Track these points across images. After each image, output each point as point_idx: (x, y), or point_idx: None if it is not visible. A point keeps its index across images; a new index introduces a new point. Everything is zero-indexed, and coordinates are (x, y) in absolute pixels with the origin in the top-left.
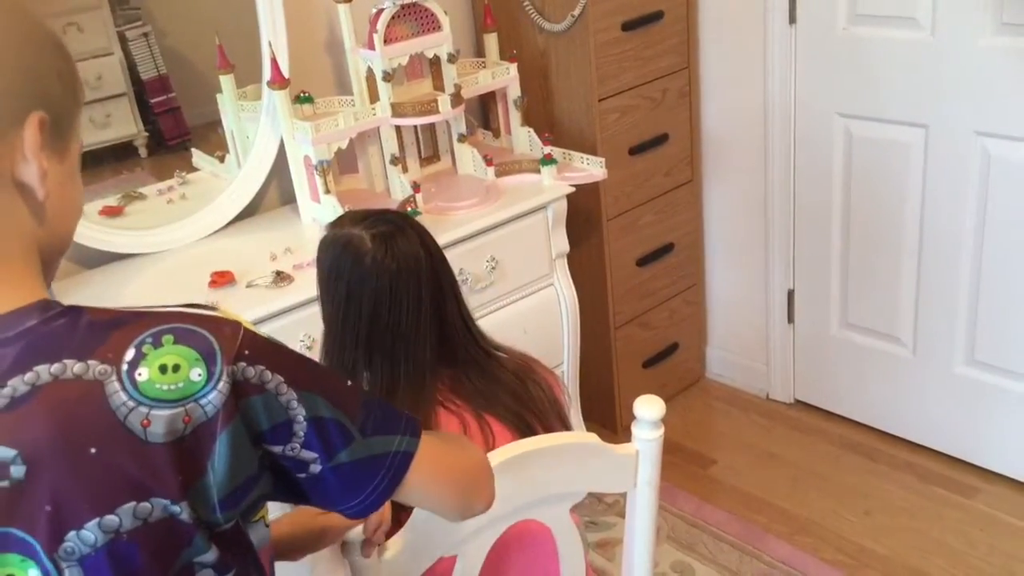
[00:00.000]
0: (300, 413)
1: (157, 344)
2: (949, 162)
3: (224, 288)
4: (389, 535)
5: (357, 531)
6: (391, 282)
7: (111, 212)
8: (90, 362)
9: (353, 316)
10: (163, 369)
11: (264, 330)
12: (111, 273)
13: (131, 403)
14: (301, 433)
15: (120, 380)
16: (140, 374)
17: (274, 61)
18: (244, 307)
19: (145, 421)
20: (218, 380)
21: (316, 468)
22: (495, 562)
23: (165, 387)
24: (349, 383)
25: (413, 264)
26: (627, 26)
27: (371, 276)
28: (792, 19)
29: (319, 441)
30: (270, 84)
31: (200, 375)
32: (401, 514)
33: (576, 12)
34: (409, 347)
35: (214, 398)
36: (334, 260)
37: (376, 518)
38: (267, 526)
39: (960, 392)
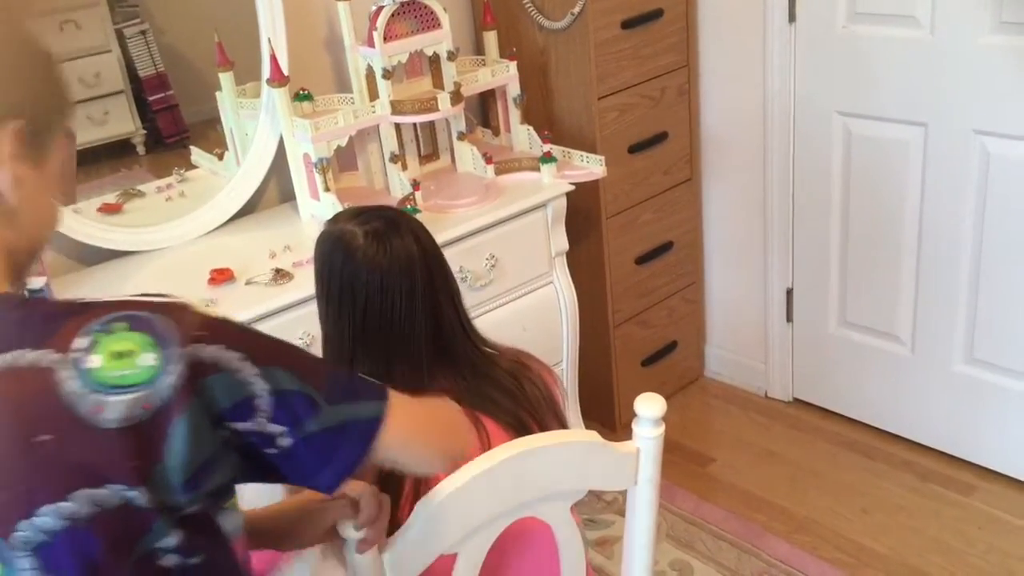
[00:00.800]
0: (263, 388)
1: (109, 331)
2: (948, 161)
3: (223, 285)
4: (388, 533)
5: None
6: (382, 278)
7: (110, 209)
8: (43, 351)
9: (346, 312)
10: (116, 355)
11: (264, 327)
12: (110, 270)
13: (82, 390)
14: (265, 407)
15: (72, 367)
16: (92, 361)
17: (273, 58)
18: (243, 305)
19: (98, 407)
20: (172, 363)
21: (286, 441)
22: (495, 560)
23: (118, 373)
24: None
25: (406, 261)
26: (627, 24)
27: (362, 272)
28: (792, 17)
29: (285, 414)
30: (269, 82)
31: (155, 359)
32: (402, 512)
33: (576, 10)
34: (404, 345)
35: (169, 381)
36: (327, 256)
37: (374, 517)
38: (239, 512)
39: (958, 390)
